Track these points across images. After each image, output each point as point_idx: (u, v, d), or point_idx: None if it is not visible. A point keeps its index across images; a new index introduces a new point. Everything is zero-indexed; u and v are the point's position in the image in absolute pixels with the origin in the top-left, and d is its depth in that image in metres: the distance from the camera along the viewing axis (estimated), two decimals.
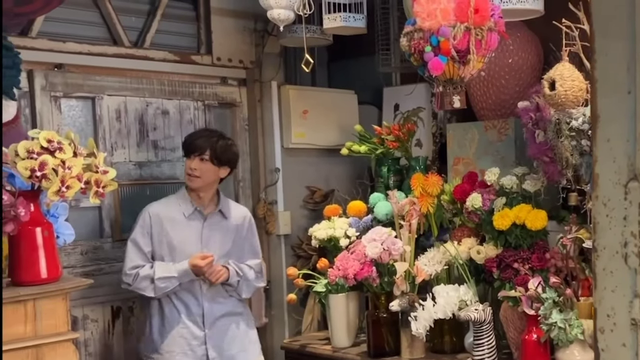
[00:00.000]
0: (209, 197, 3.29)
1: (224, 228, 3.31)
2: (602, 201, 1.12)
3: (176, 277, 3.12)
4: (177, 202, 3.28)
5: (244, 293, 3.32)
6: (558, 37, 2.84)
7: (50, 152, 2.09)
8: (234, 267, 3.25)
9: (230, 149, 3.28)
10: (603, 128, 1.11)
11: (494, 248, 3.01)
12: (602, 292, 1.13)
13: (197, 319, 3.21)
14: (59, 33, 3.50)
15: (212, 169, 3.21)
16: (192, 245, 3.21)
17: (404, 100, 4.03)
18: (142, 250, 3.19)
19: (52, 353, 2.16)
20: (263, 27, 4.12)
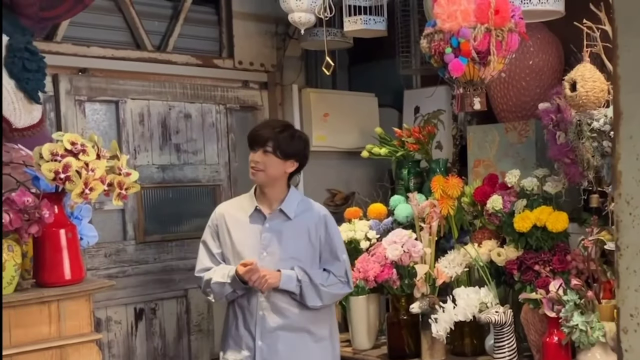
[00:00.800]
0: (275, 194, 2.93)
1: (289, 230, 2.91)
2: (625, 199, 1.11)
3: (229, 283, 2.83)
4: (245, 200, 2.99)
5: (311, 301, 2.84)
6: (579, 38, 2.83)
7: (74, 155, 2.11)
8: (294, 272, 2.84)
9: (296, 140, 2.92)
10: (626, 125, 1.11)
11: (514, 250, 3.00)
12: (625, 291, 1.12)
13: (252, 328, 2.87)
14: (84, 38, 3.55)
15: (276, 163, 2.86)
16: (252, 248, 2.89)
17: (425, 103, 4.03)
18: (210, 252, 2.96)
19: (76, 354, 2.17)
20: (284, 30, 4.15)
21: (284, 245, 2.89)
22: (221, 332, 3.05)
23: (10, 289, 2.02)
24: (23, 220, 2.01)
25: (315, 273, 2.86)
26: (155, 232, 3.76)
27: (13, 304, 2.02)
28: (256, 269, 2.76)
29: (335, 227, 3.00)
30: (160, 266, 3.73)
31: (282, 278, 2.81)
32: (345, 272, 2.92)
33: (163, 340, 3.73)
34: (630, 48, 1.12)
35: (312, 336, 2.87)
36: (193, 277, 3.75)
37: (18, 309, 2.05)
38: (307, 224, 2.92)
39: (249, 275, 2.76)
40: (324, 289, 2.85)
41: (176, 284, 3.78)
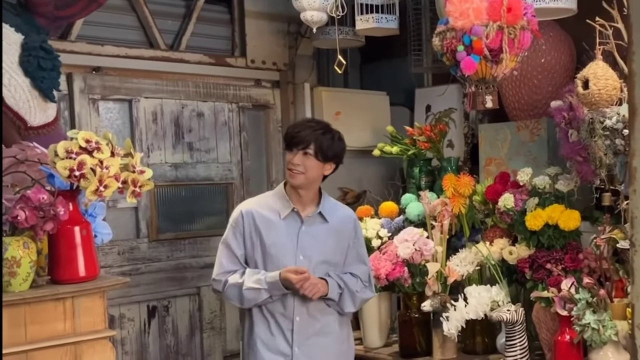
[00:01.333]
0: (310, 196, 2.82)
1: (324, 233, 2.81)
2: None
3: (266, 289, 2.70)
4: (274, 200, 2.83)
5: (347, 307, 2.82)
6: (591, 36, 2.82)
7: (89, 152, 2.13)
8: (335, 279, 2.79)
9: (337, 143, 2.82)
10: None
11: (526, 248, 3.00)
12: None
13: (287, 334, 2.76)
14: (98, 36, 3.58)
15: (316, 165, 2.74)
16: (288, 251, 2.77)
17: (436, 101, 4.04)
18: (234, 254, 2.79)
19: (90, 350, 2.18)
20: (296, 29, 4.16)
21: (321, 249, 2.79)
22: (236, 333, 2.99)
23: (25, 285, 2.03)
24: (38, 218, 2.03)
25: (349, 279, 2.82)
26: (168, 230, 3.79)
27: (28, 300, 2.03)
28: (309, 277, 2.67)
29: (361, 231, 2.97)
30: (173, 264, 3.76)
31: (329, 287, 2.75)
32: (369, 277, 2.89)
33: (176, 338, 3.76)
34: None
35: (338, 339, 2.84)
36: (206, 275, 3.79)
37: (33, 305, 2.06)
38: (340, 227, 2.85)
39: (301, 283, 2.66)
40: (358, 295, 2.83)
41: (189, 282, 3.81)
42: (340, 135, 2.88)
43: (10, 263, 1.98)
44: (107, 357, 2.23)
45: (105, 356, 2.22)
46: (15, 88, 2.61)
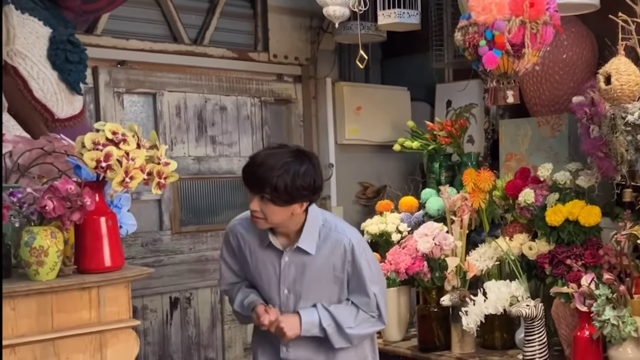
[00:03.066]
0: (290, 229, 2.49)
1: (311, 265, 2.50)
2: None
3: (249, 316, 2.57)
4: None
5: (338, 343, 2.51)
6: (613, 32, 2.81)
7: (115, 144, 2.16)
8: (319, 314, 2.49)
9: (300, 180, 2.35)
10: None
11: (546, 244, 3.00)
12: None
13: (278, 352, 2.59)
14: (123, 31, 3.62)
15: (278, 210, 2.38)
16: (271, 283, 2.54)
17: (457, 97, 4.04)
18: (231, 268, 2.65)
19: (115, 339, 2.22)
20: (318, 24, 4.19)
21: (307, 283, 2.51)
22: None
23: (52, 274, 2.07)
24: (66, 208, 2.07)
25: (342, 313, 2.50)
26: (190, 222, 3.83)
27: (55, 289, 2.07)
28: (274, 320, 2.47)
29: (363, 257, 2.52)
30: (195, 256, 3.80)
31: (302, 327, 2.47)
32: (377, 307, 2.53)
33: (197, 329, 3.80)
34: None
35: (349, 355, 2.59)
36: None
37: (60, 294, 2.09)
38: (331, 258, 2.50)
39: (261, 321, 2.47)
40: (352, 332, 2.51)
41: (210, 274, 3.84)
42: (307, 166, 2.38)
43: (38, 252, 2.01)
44: (131, 346, 2.26)
45: (129, 345, 2.26)
46: (43, 81, 2.67)
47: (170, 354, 3.69)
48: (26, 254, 2.01)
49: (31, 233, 2.01)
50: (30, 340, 2.00)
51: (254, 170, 2.38)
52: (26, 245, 2.00)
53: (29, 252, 2.00)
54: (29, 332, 2.00)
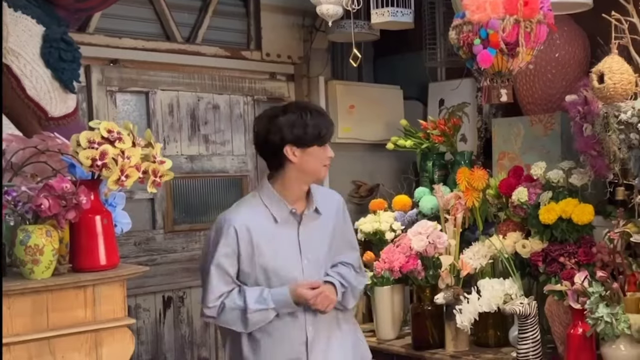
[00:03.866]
0: (304, 193, 2.52)
1: (320, 227, 2.53)
2: None
3: (273, 308, 2.42)
4: (263, 205, 2.48)
5: (350, 303, 2.59)
6: (605, 31, 2.83)
7: (111, 142, 2.16)
8: (337, 279, 2.52)
9: None
10: None
11: (539, 242, 3.01)
12: None
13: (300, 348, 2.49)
14: (115, 29, 3.61)
15: None
16: (290, 259, 2.48)
17: (449, 96, 4.05)
18: (226, 273, 2.45)
19: (110, 338, 2.21)
20: (311, 22, 4.19)
21: (321, 247, 2.53)
22: None
23: (48, 273, 2.06)
24: (61, 206, 2.06)
25: (347, 273, 2.55)
26: (183, 221, 3.83)
27: (51, 288, 2.06)
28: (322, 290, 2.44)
29: (348, 213, 2.65)
30: (188, 255, 3.80)
31: (337, 292, 2.49)
32: (360, 262, 2.67)
33: (190, 328, 3.80)
34: None
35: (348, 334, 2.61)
36: None
37: (55, 293, 2.08)
38: (330, 216, 2.55)
39: (315, 299, 2.42)
40: (358, 288, 2.60)
41: None
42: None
43: (33, 251, 2.00)
44: (126, 345, 2.26)
45: (124, 344, 2.25)
46: (36, 79, 2.65)
47: (163, 353, 3.69)
48: (21, 252, 2.00)
49: (26, 232, 2.00)
50: (25, 339, 1.99)
51: (329, 121, 2.49)
52: (21, 244, 1.99)
53: (24, 250, 1.99)
54: (24, 330, 1.99)
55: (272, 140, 2.41)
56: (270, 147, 2.44)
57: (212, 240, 2.48)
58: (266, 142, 2.44)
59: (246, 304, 2.42)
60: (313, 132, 2.41)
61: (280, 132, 2.39)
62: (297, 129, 2.39)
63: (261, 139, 2.46)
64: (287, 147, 2.40)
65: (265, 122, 2.46)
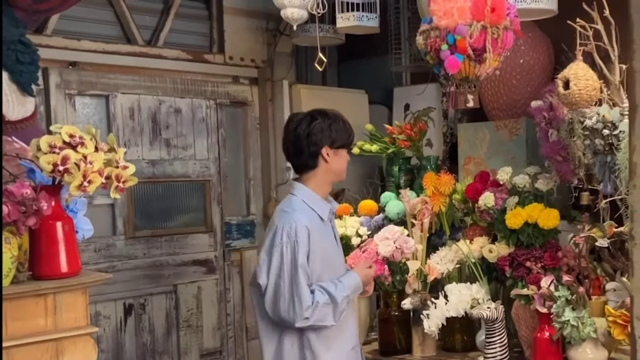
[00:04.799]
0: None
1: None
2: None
3: (351, 294, 2.64)
4: (307, 206, 2.63)
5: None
6: (569, 38, 2.86)
7: (72, 147, 2.10)
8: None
9: None
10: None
11: (506, 247, 3.02)
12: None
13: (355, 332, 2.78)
14: (74, 31, 3.54)
15: None
16: (337, 253, 2.74)
17: (415, 100, 4.05)
18: (306, 274, 2.54)
19: (72, 347, 2.16)
20: (275, 26, 4.16)
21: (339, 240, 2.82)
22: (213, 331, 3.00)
23: (7, 281, 2.00)
24: (20, 213, 1.99)
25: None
26: (144, 227, 3.76)
27: (10, 296, 2.00)
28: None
29: None
30: (150, 261, 3.73)
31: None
32: None
33: (152, 336, 3.73)
34: None
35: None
36: (182, 272, 3.77)
37: (14, 301, 2.03)
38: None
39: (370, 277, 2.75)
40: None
41: (165, 280, 3.78)
42: None
43: None
44: (88, 353, 2.21)
45: (86, 353, 2.20)
46: None
47: None
48: None
49: None
50: None
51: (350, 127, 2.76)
52: None
53: None
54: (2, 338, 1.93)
55: (313, 141, 2.61)
56: (309, 148, 2.61)
57: (286, 247, 2.52)
58: (308, 144, 2.61)
59: (332, 296, 2.54)
60: (344, 135, 2.69)
61: (320, 134, 2.61)
62: (333, 132, 2.64)
63: (302, 141, 2.62)
64: (324, 149, 2.61)
65: (305, 125, 2.63)
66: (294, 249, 2.52)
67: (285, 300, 2.50)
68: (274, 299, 2.52)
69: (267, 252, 2.54)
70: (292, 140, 2.65)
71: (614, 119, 2.71)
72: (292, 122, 2.70)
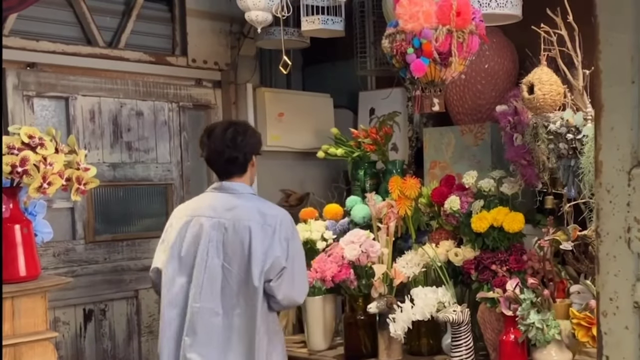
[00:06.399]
0: None
1: None
2: (606, 188, 1.15)
3: None
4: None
5: None
6: (534, 43, 2.88)
7: (32, 148, 2.06)
8: None
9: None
10: (607, 117, 1.15)
11: (471, 250, 3.03)
12: (605, 276, 1.16)
13: None
14: (32, 32, 3.46)
15: None
16: None
17: (380, 105, 4.06)
18: None
19: (31, 352, 2.12)
20: (239, 29, 4.12)
21: None
22: None
23: None
24: None
25: None
26: (105, 231, 3.69)
27: None
28: None
29: None
30: (111, 266, 3.66)
31: None
32: None
33: (113, 342, 3.65)
34: (612, 42, 1.15)
35: None
36: (143, 278, 3.70)
37: None
38: None
39: None
40: None
41: (127, 285, 3.71)
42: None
43: None
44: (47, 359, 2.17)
45: (46, 358, 2.17)
46: None
47: None
48: None
49: None
50: None
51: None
52: None
53: None
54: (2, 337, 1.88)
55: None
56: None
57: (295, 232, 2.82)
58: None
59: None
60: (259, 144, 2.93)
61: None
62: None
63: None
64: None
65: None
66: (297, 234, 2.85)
67: (303, 282, 2.80)
68: (293, 280, 2.70)
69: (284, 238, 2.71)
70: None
71: (577, 124, 2.74)
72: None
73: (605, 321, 1.18)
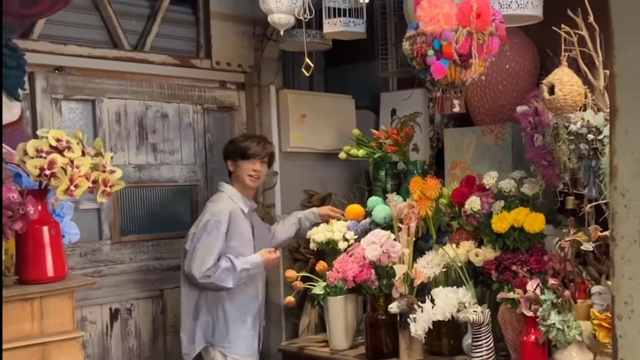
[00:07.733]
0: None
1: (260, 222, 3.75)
2: (621, 192, 1.16)
3: (251, 268, 3.42)
4: (234, 199, 3.51)
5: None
6: (554, 43, 2.88)
7: (59, 151, 2.11)
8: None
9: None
10: (621, 121, 1.15)
11: (492, 251, 3.04)
12: (620, 280, 1.17)
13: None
14: (60, 36, 3.52)
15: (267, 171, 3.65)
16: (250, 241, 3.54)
17: (401, 106, 4.07)
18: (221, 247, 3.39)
19: (58, 351, 2.16)
20: (262, 31, 4.16)
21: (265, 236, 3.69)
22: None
23: None
24: (7, 217, 1.99)
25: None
26: (131, 232, 3.75)
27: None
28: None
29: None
30: (136, 266, 3.72)
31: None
32: None
33: (138, 341, 3.72)
34: (627, 48, 1.16)
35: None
36: (169, 278, 3.76)
37: None
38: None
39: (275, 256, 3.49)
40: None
41: (152, 284, 3.77)
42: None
43: None
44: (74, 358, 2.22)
45: (72, 357, 2.21)
46: None
47: None
48: None
49: None
50: None
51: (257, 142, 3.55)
52: None
53: None
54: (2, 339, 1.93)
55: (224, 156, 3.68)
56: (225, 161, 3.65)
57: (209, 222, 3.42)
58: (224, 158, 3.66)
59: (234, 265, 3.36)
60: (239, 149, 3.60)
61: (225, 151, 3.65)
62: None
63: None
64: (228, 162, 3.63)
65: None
66: (214, 224, 3.35)
67: (197, 259, 3.31)
68: (191, 257, 3.33)
69: (195, 226, 3.41)
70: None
71: (598, 124, 2.73)
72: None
73: (620, 324, 1.18)
